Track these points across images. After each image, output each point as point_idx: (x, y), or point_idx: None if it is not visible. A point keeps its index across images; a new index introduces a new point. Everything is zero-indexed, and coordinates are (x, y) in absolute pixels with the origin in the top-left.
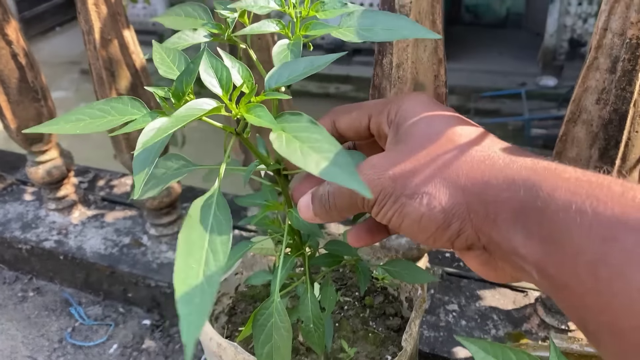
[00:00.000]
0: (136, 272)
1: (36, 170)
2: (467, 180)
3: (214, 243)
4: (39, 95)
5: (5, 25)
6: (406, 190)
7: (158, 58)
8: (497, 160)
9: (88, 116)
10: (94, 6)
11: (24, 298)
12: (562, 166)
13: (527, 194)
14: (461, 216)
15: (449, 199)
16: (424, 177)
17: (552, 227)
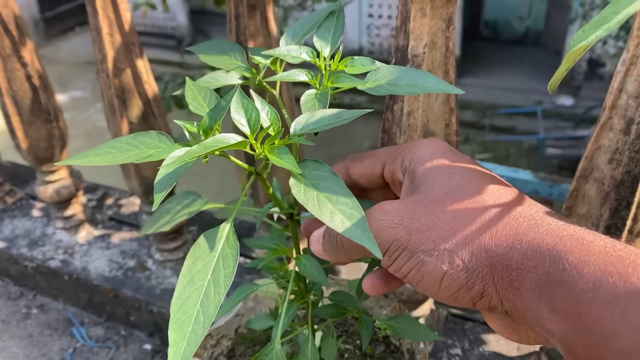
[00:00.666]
0: (139, 296)
1: (45, 190)
2: (490, 241)
3: (217, 275)
4: (51, 117)
5: (21, 47)
6: (423, 245)
7: (190, 95)
8: (522, 223)
9: (116, 149)
10: (109, 36)
11: (28, 315)
12: (591, 235)
13: (552, 265)
14: (485, 278)
15: (472, 258)
16: (444, 234)
17: (580, 307)
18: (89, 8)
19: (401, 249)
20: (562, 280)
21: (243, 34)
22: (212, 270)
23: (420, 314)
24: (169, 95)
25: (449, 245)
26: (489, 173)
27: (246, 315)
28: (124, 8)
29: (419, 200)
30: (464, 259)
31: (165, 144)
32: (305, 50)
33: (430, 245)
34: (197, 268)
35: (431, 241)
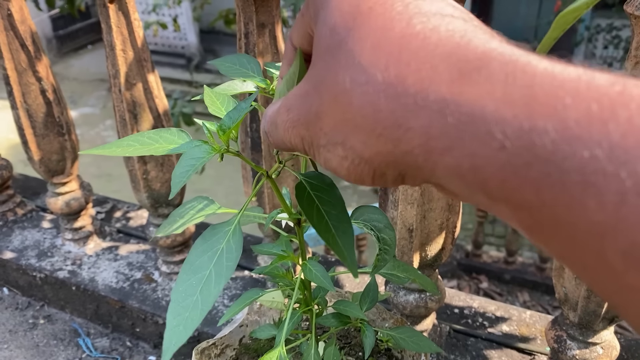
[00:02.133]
0: (145, 308)
1: (55, 201)
2: (375, 119)
3: (219, 267)
4: (63, 130)
5: (37, 62)
6: (320, 140)
7: (209, 99)
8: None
9: (138, 143)
10: (122, 52)
11: (35, 325)
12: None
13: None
14: (391, 165)
15: (364, 148)
16: (331, 122)
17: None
18: (104, 25)
19: (309, 145)
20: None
21: (252, 51)
22: (215, 261)
23: (423, 328)
24: (178, 112)
25: (338, 136)
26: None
27: (250, 327)
28: (137, 25)
29: (310, 78)
30: (357, 151)
31: (184, 140)
32: None
33: (324, 139)
34: (202, 258)
35: (323, 134)
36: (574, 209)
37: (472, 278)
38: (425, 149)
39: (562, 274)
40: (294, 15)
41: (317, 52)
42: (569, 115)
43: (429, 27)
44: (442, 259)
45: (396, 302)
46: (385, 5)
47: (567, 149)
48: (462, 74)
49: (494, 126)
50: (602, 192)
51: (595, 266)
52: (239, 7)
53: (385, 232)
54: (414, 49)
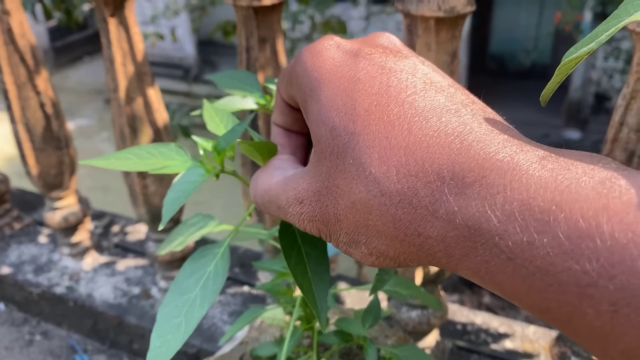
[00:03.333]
0: (143, 324)
1: (53, 216)
2: (394, 227)
3: (205, 290)
4: (61, 144)
5: (36, 76)
6: (341, 237)
7: (207, 115)
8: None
9: (136, 156)
10: (122, 66)
11: (31, 342)
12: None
13: (491, 252)
14: (416, 259)
15: (388, 249)
16: (350, 227)
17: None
18: (104, 39)
19: (326, 237)
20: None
21: (253, 65)
22: (201, 284)
23: (425, 345)
24: (176, 123)
25: (361, 238)
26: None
27: (251, 344)
28: (137, 39)
29: (319, 177)
30: (381, 250)
31: (181, 157)
32: None
33: (345, 237)
34: (189, 280)
35: (344, 233)
36: (576, 315)
37: (474, 292)
38: (446, 253)
39: None
40: (293, 27)
41: (320, 151)
42: (560, 230)
43: (429, 133)
44: (445, 275)
45: (398, 319)
46: (381, 107)
47: (562, 263)
48: (465, 186)
49: (499, 240)
50: (597, 302)
51: (604, 357)
52: (240, 22)
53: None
54: (420, 161)
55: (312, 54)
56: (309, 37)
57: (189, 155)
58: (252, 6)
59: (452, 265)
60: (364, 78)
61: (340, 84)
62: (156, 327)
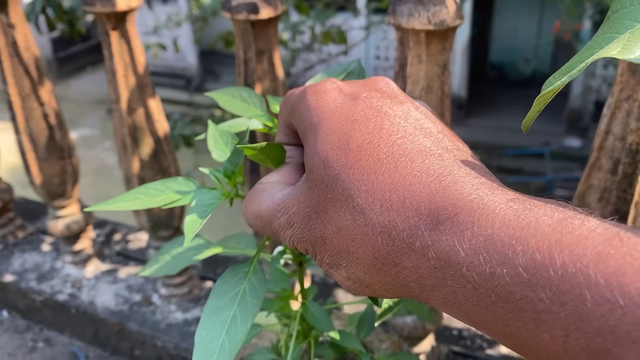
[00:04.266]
0: (144, 331)
1: (56, 224)
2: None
3: (244, 306)
4: (64, 154)
5: (40, 87)
6: (324, 258)
7: (212, 141)
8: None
9: (145, 195)
10: (124, 77)
11: (33, 349)
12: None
13: (473, 296)
14: (394, 291)
15: (366, 277)
16: (334, 248)
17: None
18: (106, 51)
19: (312, 256)
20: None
21: (251, 77)
22: (238, 302)
23: (421, 350)
24: (178, 133)
25: (341, 261)
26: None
27: (248, 349)
28: (138, 52)
29: (309, 202)
30: (359, 277)
31: (191, 189)
32: None
33: (328, 259)
34: (223, 300)
35: (328, 255)
36: (534, 340)
37: None
38: (419, 284)
39: None
40: (293, 38)
41: (312, 179)
42: (519, 262)
43: (412, 172)
44: None
45: (394, 324)
46: (372, 145)
47: (520, 292)
48: (439, 222)
49: (466, 271)
50: (551, 327)
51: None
52: (238, 35)
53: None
54: (401, 197)
55: (315, 94)
56: (309, 47)
57: (197, 186)
58: (249, 20)
59: (424, 296)
60: (360, 119)
61: (338, 122)
62: (197, 352)
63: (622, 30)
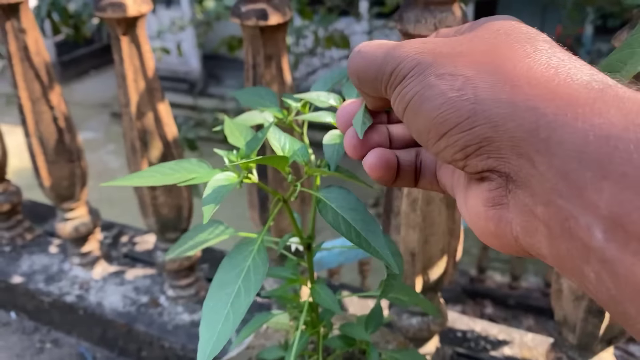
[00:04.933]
0: (152, 332)
1: (64, 226)
2: (525, 77)
3: (248, 281)
4: (73, 157)
5: (49, 91)
6: (442, 69)
7: (228, 130)
8: (576, 80)
9: (159, 173)
10: (134, 82)
11: (41, 350)
12: None
13: (624, 115)
14: (494, 120)
15: (489, 90)
16: (472, 61)
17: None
18: (116, 56)
19: (418, 72)
20: (636, 137)
21: (259, 81)
22: (243, 277)
23: (426, 351)
24: (182, 137)
25: (469, 72)
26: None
27: (257, 349)
28: (148, 57)
29: (464, 34)
30: (477, 88)
31: (204, 169)
32: (333, 96)
33: (449, 69)
34: (230, 275)
35: (452, 66)
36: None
37: (477, 303)
38: (562, 111)
39: (561, 296)
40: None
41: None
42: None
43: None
44: (444, 283)
45: (399, 325)
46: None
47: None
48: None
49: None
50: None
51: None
52: (247, 40)
53: (395, 260)
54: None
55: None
56: (311, 51)
57: (210, 167)
58: (258, 26)
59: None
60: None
61: None
62: (204, 321)
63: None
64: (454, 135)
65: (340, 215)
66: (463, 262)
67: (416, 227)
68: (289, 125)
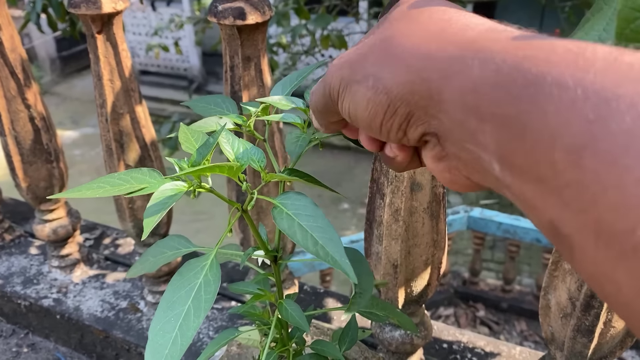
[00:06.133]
0: (129, 338)
1: (42, 228)
2: (411, 54)
3: (198, 300)
4: (52, 157)
5: (26, 90)
6: (357, 75)
7: (183, 137)
8: (451, 28)
9: (109, 184)
10: (109, 82)
11: (18, 354)
12: (539, 36)
13: (482, 67)
14: (406, 98)
15: (391, 78)
16: (374, 58)
17: (519, 107)
18: (92, 55)
19: (344, 85)
20: (494, 82)
21: (238, 84)
22: (193, 296)
23: None
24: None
25: (374, 69)
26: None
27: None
28: (124, 56)
29: (369, 36)
30: (384, 81)
31: (155, 179)
32: (294, 100)
33: (362, 72)
34: (179, 294)
35: (362, 69)
36: (538, 114)
37: (469, 306)
38: (442, 74)
39: (549, 313)
40: (293, 41)
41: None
42: (551, 47)
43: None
44: (428, 295)
45: (382, 338)
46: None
47: (546, 69)
48: (491, 30)
49: (496, 54)
50: (560, 99)
51: (545, 170)
52: (225, 40)
53: (362, 277)
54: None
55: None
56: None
57: (162, 176)
58: (235, 25)
59: (439, 89)
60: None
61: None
62: (149, 345)
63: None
64: (387, 121)
65: (296, 221)
66: (457, 262)
67: (399, 238)
68: (250, 133)
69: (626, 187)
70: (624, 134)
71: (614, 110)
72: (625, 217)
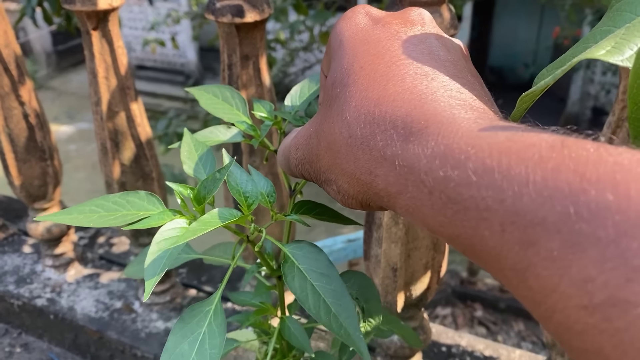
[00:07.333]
0: (124, 339)
1: (36, 227)
2: (356, 167)
3: (202, 354)
4: (45, 155)
5: (20, 86)
6: (320, 176)
7: (186, 152)
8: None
9: (103, 209)
10: (104, 79)
11: (11, 354)
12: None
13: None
14: (371, 199)
15: (350, 188)
16: (326, 164)
17: (456, 229)
18: (87, 52)
19: (314, 179)
20: (430, 204)
21: (236, 82)
22: (197, 349)
23: None
24: (172, 131)
25: (332, 176)
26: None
27: None
28: (120, 53)
29: (313, 122)
30: (346, 189)
31: (155, 207)
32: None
33: (322, 176)
34: (182, 346)
35: (322, 172)
36: (477, 238)
37: (467, 306)
38: (386, 192)
39: None
40: (291, 37)
41: (321, 101)
42: (469, 166)
43: (398, 90)
44: (427, 299)
45: (380, 342)
46: (373, 66)
47: (467, 192)
48: (411, 134)
49: (424, 176)
50: (490, 224)
51: (501, 277)
52: (223, 38)
53: (371, 303)
54: (384, 112)
55: (343, 19)
56: (306, 47)
57: (162, 203)
58: (234, 23)
59: (390, 203)
60: (372, 41)
61: (353, 44)
62: None
63: (619, 23)
64: (364, 208)
65: (308, 281)
66: (455, 261)
67: (398, 242)
68: (261, 144)
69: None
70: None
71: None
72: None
